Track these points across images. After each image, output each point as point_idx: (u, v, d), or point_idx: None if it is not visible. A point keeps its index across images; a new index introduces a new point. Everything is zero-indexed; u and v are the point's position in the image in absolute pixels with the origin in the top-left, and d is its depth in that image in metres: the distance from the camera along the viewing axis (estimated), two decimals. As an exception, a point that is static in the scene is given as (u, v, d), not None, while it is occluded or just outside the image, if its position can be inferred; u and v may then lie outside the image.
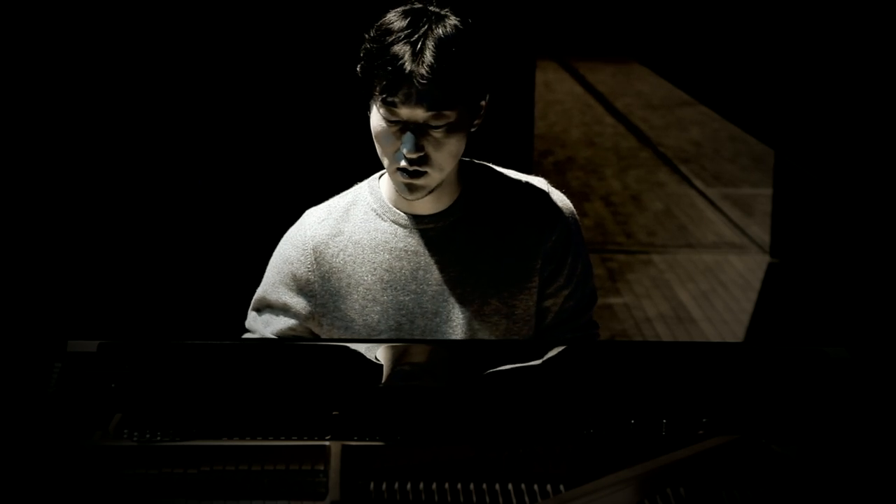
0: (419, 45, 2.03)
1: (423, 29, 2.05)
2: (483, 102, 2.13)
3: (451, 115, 2.06)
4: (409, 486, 1.77)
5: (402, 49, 2.03)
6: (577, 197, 7.78)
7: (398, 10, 2.11)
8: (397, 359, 2.08)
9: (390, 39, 2.05)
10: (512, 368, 2.06)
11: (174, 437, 1.81)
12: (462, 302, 2.17)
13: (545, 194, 2.23)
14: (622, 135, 9.66)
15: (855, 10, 5.40)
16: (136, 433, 1.82)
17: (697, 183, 8.09)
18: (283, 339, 2.21)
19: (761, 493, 1.77)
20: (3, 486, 1.69)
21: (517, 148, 4.50)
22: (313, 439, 1.81)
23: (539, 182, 2.26)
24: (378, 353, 2.08)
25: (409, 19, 2.06)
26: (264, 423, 1.85)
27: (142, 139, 4.20)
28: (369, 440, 1.81)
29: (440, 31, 2.05)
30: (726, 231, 7.04)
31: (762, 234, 6.80)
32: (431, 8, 2.11)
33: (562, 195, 2.26)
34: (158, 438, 1.80)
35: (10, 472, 1.71)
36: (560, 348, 2.16)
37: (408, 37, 2.04)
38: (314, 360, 2.04)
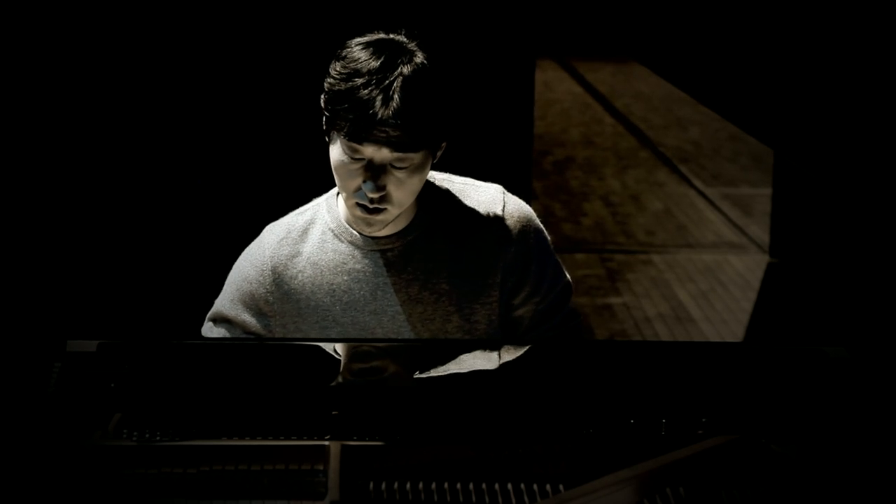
0: (390, 91, 2.00)
1: (395, 73, 2.01)
2: (444, 144, 2.11)
3: (415, 158, 2.04)
4: (408, 486, 1.77)
5: (373, 93, 2.00)
6: (576, 197, 7.79)
7: (365, 42, 2.06)
8: (396, 358, 2.08)
9: (360, 82, 2.01)
10: (511, 368, 2.06)
11: (174, 437, 1.81)
12: (423, 321, 2.16)
13: (501, 205, 2.20)
14: (621, 135, 9.66)
15: (855, 10, 5.40)
16: (135, 433, 1.82)
17: (697, 183, 8.09)
18: (282, 339, 2.21)
19: (761, 493, 1.77)
20: (4, 486, 1.69)
21: (517, 148, 4.50)
22: (313, 439, 1.82)
23: (495, 191, 2.22)
24: (378, 353, 2.08)
25: (380, 60, 2.02)
26: (264, 423, 1.85)
27: (141, 140, 4.20)
28: (369, 440, 1.81)
29: (410, 73, 2.02)
30: (726, 231, 7.05)
31: (761, 233, 6.80)
32: (399, 38, 2.07)
33: (519, 202, 2.22)
34: (158, 438, 1.80)
35: (10, 472, 1.71)
36: (560, 348, 2.16)
37: (378, 81, 2.00)
38: (314, 360, 2.04)
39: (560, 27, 12.87)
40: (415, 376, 2.04)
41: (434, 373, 2.04)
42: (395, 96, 1.99)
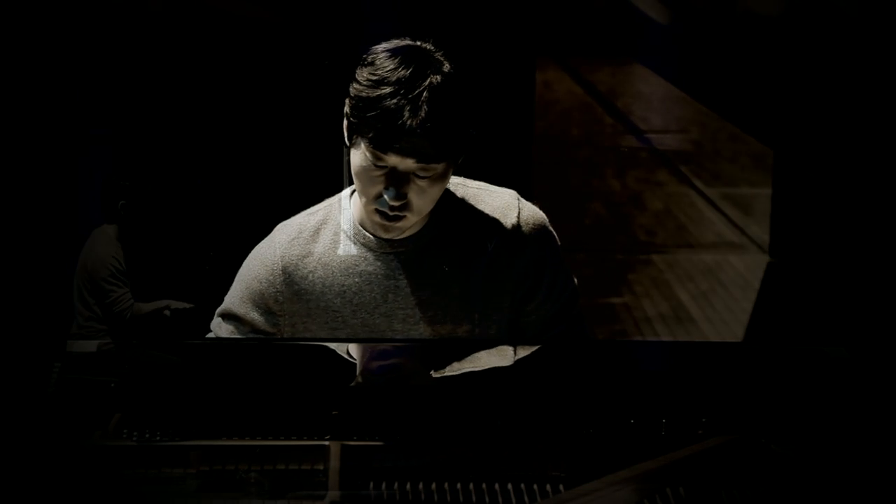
0: (419, 102, 1.98)
1: (424, 83, 1.99)
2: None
3: (439, 167, 2.03)
4: (408, 486, 1.77)
5: (401, 103, 1.98)
6: (576, 197, 7.78)
7: (393, 48, 2.04)
8: (397, 358, 2.08)
9: (387, 91, 1.99)
10: (512, 368, 2.06)
11: (174, 437, 1.81)
12: (433, 325, 2.15)
13: (516, 212, 2.19)
14: (621, 134, 9.66)
15: (854, 10, 5.40)
16: (135, 433, 1.82)
17: (697, 183, 8.08)
18: (282, 339, 2.21)
19: (761, 493, 1.77)
20: (4, 486, 1.69)
21: (517, 148, 4.50)
22: (313, 439, 1.82)
23: (510, 197, 2.21)
24: (378, 353, 2.08)
25: (409, 70, 2.00)
26: (264, 423, 1.85)
27: (140, 139, 4.20)
28: (369, 440, 1.81)
29: (439, 84, 2.00)
30: (726, 231, 7.04)
31: (762, 233, 6.80)
32: (427, 47, 2.05)
33: (533, 209, 2.21)
34: (158, 438, 1.80)
35: (11, 472, 1.71)
36: (560, 349, 2.16)
37: (407, 91, 1.98)
38: (313, 360, 2.04)
39: (560, 27, 12.87)
40: (415, 376, 2.04)
41: (434, 373, 2.04)
42: (424, 107, 1.98)
